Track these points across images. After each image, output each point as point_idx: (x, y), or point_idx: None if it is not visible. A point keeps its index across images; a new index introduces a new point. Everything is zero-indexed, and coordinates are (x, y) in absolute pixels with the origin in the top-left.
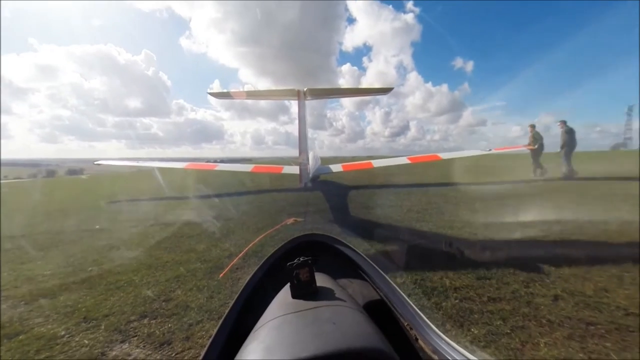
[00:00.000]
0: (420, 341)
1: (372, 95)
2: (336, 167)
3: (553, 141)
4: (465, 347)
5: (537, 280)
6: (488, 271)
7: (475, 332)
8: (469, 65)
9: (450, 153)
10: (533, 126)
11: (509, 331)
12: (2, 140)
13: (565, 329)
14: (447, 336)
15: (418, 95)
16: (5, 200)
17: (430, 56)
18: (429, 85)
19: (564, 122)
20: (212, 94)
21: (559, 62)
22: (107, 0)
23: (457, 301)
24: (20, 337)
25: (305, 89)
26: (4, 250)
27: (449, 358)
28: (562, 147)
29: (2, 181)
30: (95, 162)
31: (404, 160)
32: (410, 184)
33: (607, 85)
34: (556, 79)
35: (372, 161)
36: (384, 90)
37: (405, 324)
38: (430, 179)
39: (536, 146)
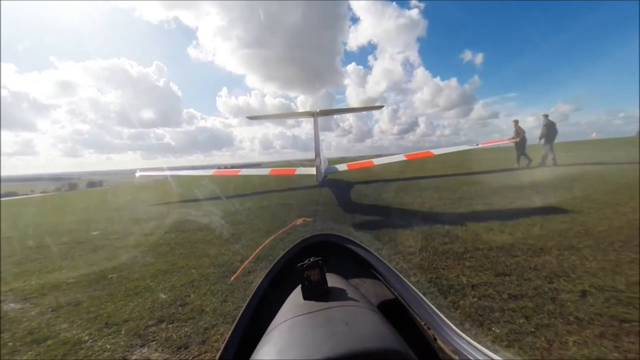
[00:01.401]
0: (439, 341)
1: (367, 111)
2: (342, 167)
3: (572, 130)
4: (487, 347)
5: (562, 275)
6: (507, 267)
7: (497, 331)
8: (479, 58)
9: (442, 149)
10: (516, 121)
11: (533, 329)
12: (28, 157)
13: (596, 326)
14: (467, 335)
15: (426, 91)
16: (33, 213)
17: (437, 51)
18: (437, 80)
19: (545, 116)
20: (250, 117)
21: (573, 47)
22: (118, 13)
23: (475, 299)
24: (49, 342)
25: (317, 110)
26: (31, 261)
27: (471, 358)
28: (540, 138)
29: (30, 195)
30: (137, 174)
31: (401, 157)
32: (415, 177)
33: (630, 65)
34: (571, 66)
35: (373, 160)
36: (378, 107)
37: (422, 323)
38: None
39: (518, 139)
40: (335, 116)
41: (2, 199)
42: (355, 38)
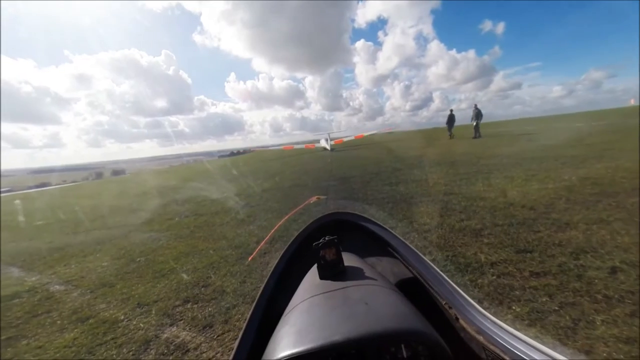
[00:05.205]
0: (461, 320)
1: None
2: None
3: (604, 97)
4: (511, 326)
5: (589, 250)
6: (528, 243)
7: (518, 310)
8: (500, 27)
9: (369, 131)
10: (451, 110)
11: (557, 308)
12: (57, 149)
13: (627, 305)
14: (490, 314)
15: (441, 65)
16: (67, 202)
17: (453, 23)
18: (453, 52)
19: (475, 105)
20: (311, 139)
21: (602, 10)
22: (122, 4)
23: (494, 277)
24: (90, 320)
25: (329, 133)
26: (69, 246)
27: (497, 338)
28: (472, 120)
29: (62, 185)
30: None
31: (352, 137)
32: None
33: None
34: (602, 30)
35: (343, 138)
36: (349, 135)
37: (443, 302)
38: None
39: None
40: (344, 95)
41: (37, 189)
42: (364, 14)
